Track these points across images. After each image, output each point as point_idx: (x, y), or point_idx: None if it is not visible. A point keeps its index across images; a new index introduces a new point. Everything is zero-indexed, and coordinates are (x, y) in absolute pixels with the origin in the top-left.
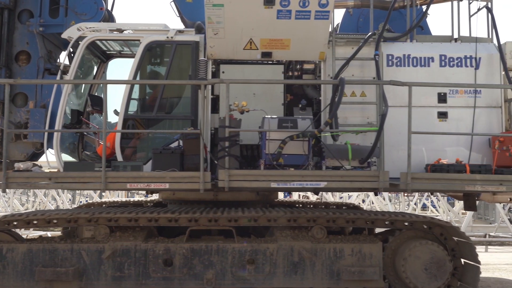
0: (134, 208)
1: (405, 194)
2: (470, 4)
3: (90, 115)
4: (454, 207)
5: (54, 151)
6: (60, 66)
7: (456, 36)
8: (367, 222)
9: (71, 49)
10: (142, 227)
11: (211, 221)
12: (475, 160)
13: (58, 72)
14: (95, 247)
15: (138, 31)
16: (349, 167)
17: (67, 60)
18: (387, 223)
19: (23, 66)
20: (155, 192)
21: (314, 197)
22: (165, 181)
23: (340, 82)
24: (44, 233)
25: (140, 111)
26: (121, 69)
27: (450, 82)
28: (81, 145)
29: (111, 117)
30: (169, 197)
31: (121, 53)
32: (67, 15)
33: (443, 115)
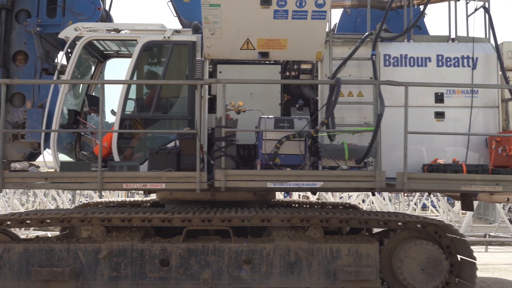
0: (128, 208)
1: (405, 194)
2: (468, 4)
3: (87, 115)
4: (454, 207)
5: (51, 151)
6: (57, 66)
7: (453, 36)
8: (360, 222)
9: (68, 49)
10: (139, 227)
11: (204, 221)
12: (472, 160)
13: (55, 72)
14: (91, 247)
15: (135, 31)
16: (345, 167)
17: (65, 60)
18: (380, 223)
19: (20, 66)
20: (152, 192)
21: (314, 197)
22: (161, 181)
23: (336, 82)
24: (44, 233)
25: (137, 111)
26: (119, 69)
27: (447, 82)
28: (79, 145)
29: (109, 117)
30: (166, 197)
31: (119, 53)
32: (64, 15)
33: (440, 115)
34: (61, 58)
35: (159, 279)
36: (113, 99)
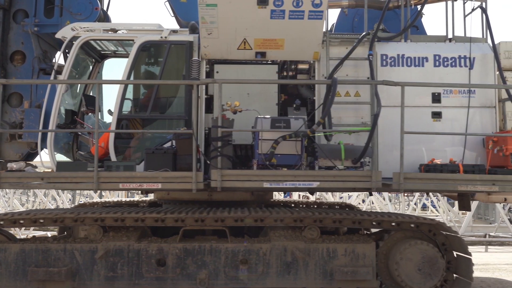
0: (122, 208)
1: (405, 194)
2: (465, 4)
3: (84, 115)
4: (454, 207)
5: (48, 151)
6: (54, 66)
7: (450, 36)
8: (354, 223)
9: (65, 49)
10: (135, 227)
11: (198, 221)
12: (469, 160)
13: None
14: (88, 247)
15: (132, 31)
16: (342, 167)
17: (62, 60)
18: (374, 223)
19: (18, 66)
20: (149, 192)
21: (314, 197)
22: (157, 181)
23: (333, 82)
24: (44, 233)
25: (134, 111)
26: (116, 69)
27: (444, 82)
28: (76, 145)
29: (107, 117)
30: (163, 197)
31: (116, 53)
32: (62, 15)
33: (437, 115)
34: (58, 58)
35: (155, 279)
36: (110, 99)
